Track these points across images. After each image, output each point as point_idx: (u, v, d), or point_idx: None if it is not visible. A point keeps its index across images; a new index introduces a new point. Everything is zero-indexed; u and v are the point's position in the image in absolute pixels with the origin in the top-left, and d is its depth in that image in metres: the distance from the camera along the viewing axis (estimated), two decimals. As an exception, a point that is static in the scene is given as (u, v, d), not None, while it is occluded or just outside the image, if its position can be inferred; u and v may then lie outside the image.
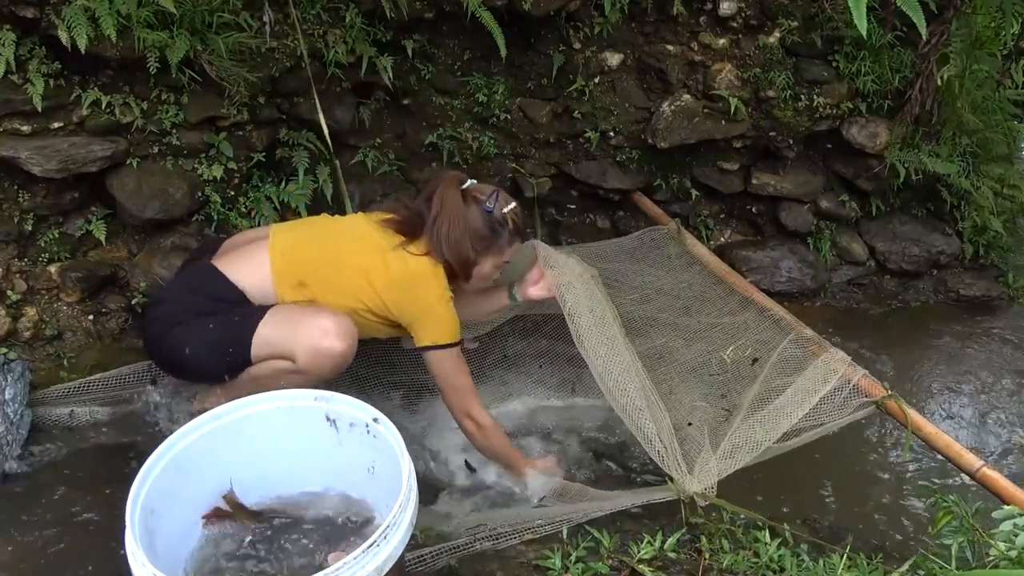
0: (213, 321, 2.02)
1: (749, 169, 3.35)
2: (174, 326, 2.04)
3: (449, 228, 2.11)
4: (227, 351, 2.00)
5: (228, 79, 2.41)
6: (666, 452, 1.95)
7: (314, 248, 2.15)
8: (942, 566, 1.65)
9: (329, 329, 1.97)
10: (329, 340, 1.96)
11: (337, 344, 1.96)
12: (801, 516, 2.19)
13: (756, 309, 2.67)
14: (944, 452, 2.14)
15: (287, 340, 1.97)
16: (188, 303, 2.07)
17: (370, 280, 2.08)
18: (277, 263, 2.08)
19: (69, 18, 2.11)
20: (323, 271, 2.10)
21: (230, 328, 2.01)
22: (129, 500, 1.43)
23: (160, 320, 2.10)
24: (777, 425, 2.04)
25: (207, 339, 2.01)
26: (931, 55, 3.06)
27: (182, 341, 2.03)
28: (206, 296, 2.06)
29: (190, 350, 2.02)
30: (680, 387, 2.56)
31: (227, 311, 2.04)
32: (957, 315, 3.43)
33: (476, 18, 2.60)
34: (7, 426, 2.09)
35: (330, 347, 1.96)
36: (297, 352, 1.96)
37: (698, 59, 3.11)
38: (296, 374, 1.97)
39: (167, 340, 2.06)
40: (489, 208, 2.15)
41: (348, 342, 1.99)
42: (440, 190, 2.15)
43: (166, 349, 2.08)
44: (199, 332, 2.02)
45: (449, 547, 1.77)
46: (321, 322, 1.98)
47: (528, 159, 3.14)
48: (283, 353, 1.97)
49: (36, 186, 2.37)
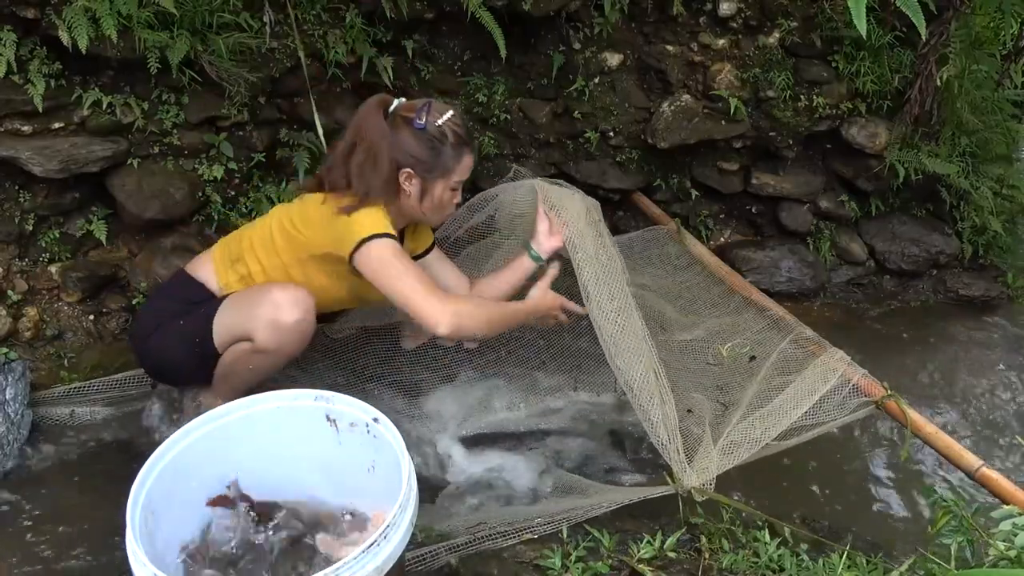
0: (184, 319, 2.03)
1: (749, 169, 3.35)
2: (152, 334, 2.06)
3: (374, 164, 1.90)
4: (194, 344, 1.99)
5: (228, 79, 2.42)
6: (668, 442, 1.93)
7: (246, 228, 2.15)
8: (942, 566, 1.65)
9: (280, 301, 1.89)
10: (283, 312, 1.88)
11: (291, 314, 1.88)
12: (801, 516, 2.19)
13: (756, 309, 2.67)
14: (944, 452, 2.14)
15: (244, 321, 1.92)
16: (163, 309, 2.08)
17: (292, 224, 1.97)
18: (217, 248, 2.11)
19: (70, 18, 2.11)
20: (252, 239, 2.06)
21: (194, 322, 2.01)
22: (130, 500, 1.43)
23: (140, 330, 2.12)
24: (776, 423, 2.04)
25: (178, 337, 2.02)
26: (930, 55, 3.06)
27: (159, 346, 2.05)
28: (179, 299, 2.08)
29: (166, 353, 2.04)
30: (676, 375, 2.55)
31: (195, 308, 2.05)
32: (957, 315, 3.43)
33: (476, 18, 2.60)
34: (8, 426, 2.09)
35: (284, 319, 1.88)
36: (254, 331, 1.90)
37: (698, 59, 3.11)
38: (260, 353, 1.92)
39: (147, 348, 2.08)
40: (420, 124, 1.92)
41: (301, 311, 1.89)
42: (356, 120, 1.97)
43: (149, 359, 2.11)
44: (171, 333, 2.03)
45: (449, 546, 1.77)
46: (272, 296, 1.90)
47: (528, 159, 3.14)
48: (242, 335, 1.93)
49: (37, 186, 2.38)
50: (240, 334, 1.94)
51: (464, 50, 2.96)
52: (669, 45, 3.10)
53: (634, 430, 2.46)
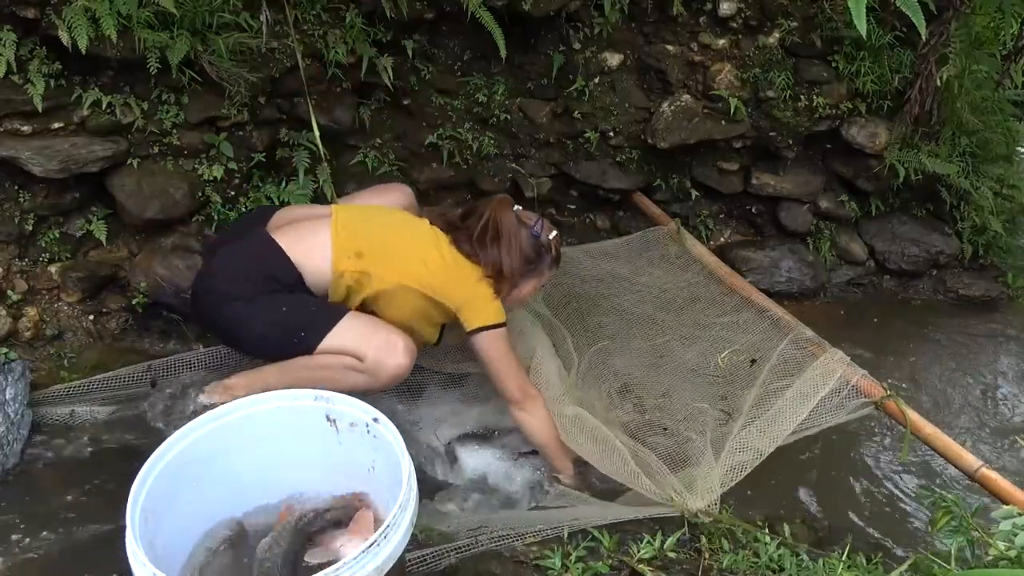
0: (286, 304, 2.09)
1: (749, 169, 3.35)
2: (234, 300, 2.09)
3: (508, 249, 2.23)
4: (298, 335, 2.06)
5: (228, 79, 2.41)
6: (661, 483, 2.00)
7: (373, 224, 2.26)
8: (942, 566, 1.65)
9: (397, 344, 2.08)
10: (396, 352, 2.07)
11: (402, 358, 2.08)
12: (801, 516, 2.19)
13: (755, 309, 2.67)
14: (943, 452, 2.14)
15: (361, 342, 2.06)
16: (247, 279, 2.10)
17: (424, 260, 2.18)
18: (339, 235, 2.16)
19: (70, 18, 2.11)
20: (380, 246, 2.18)
21: (307, 316, 2.09)
22: (130, 500, 1.44)
23: (219, 291, 2.13)
24: (777, 432, 2.05)
25: (279, 320, 2.07)
26: (931, 55, 3.06)
27: (245, 316, 2.08)
28: (264, 274, 2.10)
29: (256, 326, 2.08)
30: (680, 387, 2.56)
31: (289, 296, 2.10)
32: (956, 315, 3.43)
33: (476, 18, 2.60)
34: (8, 426, 2.09)
35: (395, 358, 2.07)
36: (367, 354, 2.05)
37: (698, 59, 3.11)
38: (360, 372, 2.06)
39: (228, 309, 2.10)
40: (536, 233, 2.28)
41: (409, 359, 2.10)
42: (494, 210, 2.27)
43: (227, 316, 2.11)
44: (268, 310, 2.07)
45: (450, 547, 1.77)
46: (392, 336, 2.10)
47: (528, 159, 3.14)
48: (351, 351, 2.06)
49: (37, 186, 2.37)
50: (352, 349, 2.06)
51: (464, 50, 2.96)
52: (669, 45, 3.10)
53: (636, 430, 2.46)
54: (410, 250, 2.20)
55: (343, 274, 2.13)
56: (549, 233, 2.33)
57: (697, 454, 2.15)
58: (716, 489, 1.94)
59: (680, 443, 2.25)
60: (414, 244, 2.21)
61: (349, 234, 2.16)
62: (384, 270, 2.14)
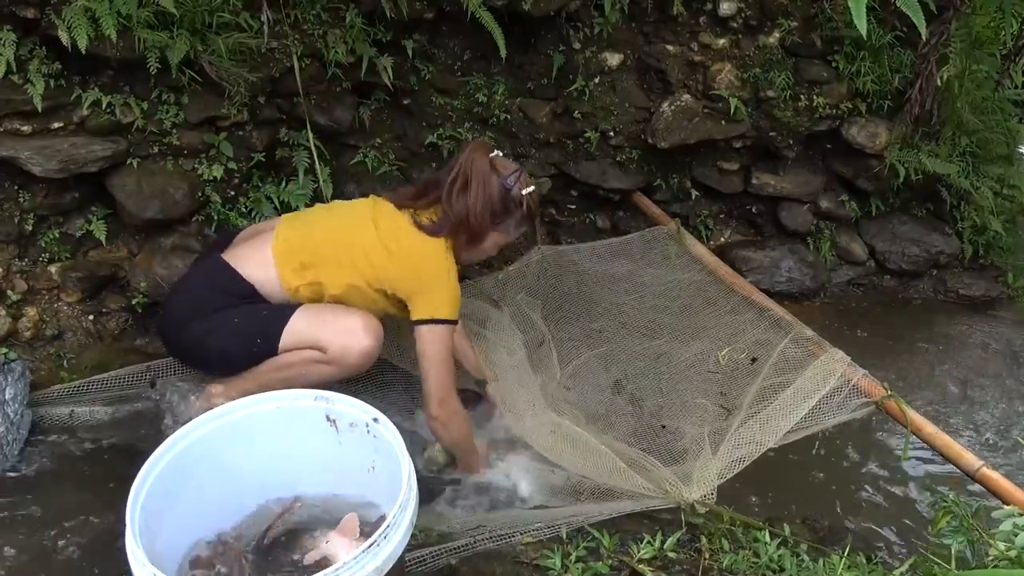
0: (237, 315, 2.07)
1: (749, 169, 3.35)
2: (192, 320, 2.08)
3: (471, 192, 2.11)
4: (255, 343, 2.05)
5: (228, 79, 2.41)
6: (653, 477, 1.99)
7: (315, 231, 2.18)
8: (942, 566, 1.65)
9: (358, 326, 2.04)
10: (358, 335, 2.03)
11: (366, 339, 2.04)
12: (801, 516, 2.19)
13: (756, 309, 2.67)
14: (944, 452, 2.14)
15: (318, 331, 2.04)
16: (203, 297, 2.11)
17: (367, 256, 2.10)
18: (279, 248, 2.12)
19: (69, 18, 2.11)
20: (323, 252, 2.13)
21: (259, 322, 2.07)
22: (129, 500, 1.43)
23: (177, 313, 2.14)
24: (777, 427, 2.04)
25: (234, 331, 2.06)
26: (931, 55, 3.06)
27: (203, 333, 2.07)
28: (219, 291, 2.10)
29: (214, 342, 2.07)
30: (679, 384, 2.56)
31: (245, 306, 2.08)
32: (957, 315, 3.43)
33: (476, 18, 2.60)
34: (7, 426, 2.09)
35: (360, 340, 2.03)
36: (327, 342, 2.02)
37: (698, 59, 3.11)
38: (325, 364, 2.03)
39: (186, 333, 2.10)
40: (508, 185, 2.14)
41: (375, 339, 2.06)
42: (467, 154, 2.16)
43: (185, 341, 2.13)
44: (222, 325, 2.06)
45: (449, 547, 1.77)
46: (351, 319, 2.06)
47: (528, 159, 3.13)
48: (313, 344, 2.03)
49: (36, 186, 2.37)
50: (311, 343, 2.03)
51: (464, 50, 2.96)
52: (669, 45, 3.10)
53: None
54: (352, 250, 2.12)
55: (297, 289, 2.10)
56: (524, 188, 2.16)
57: (695, 448, 2.15)
58: (713, 480, 1.93)
59: (677, 438, 2.25)
60: (356, 242, 2.13)
61: (289, 247, 2.12)
62: (332, 275, 2.11)
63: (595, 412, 2.48)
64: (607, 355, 2.70)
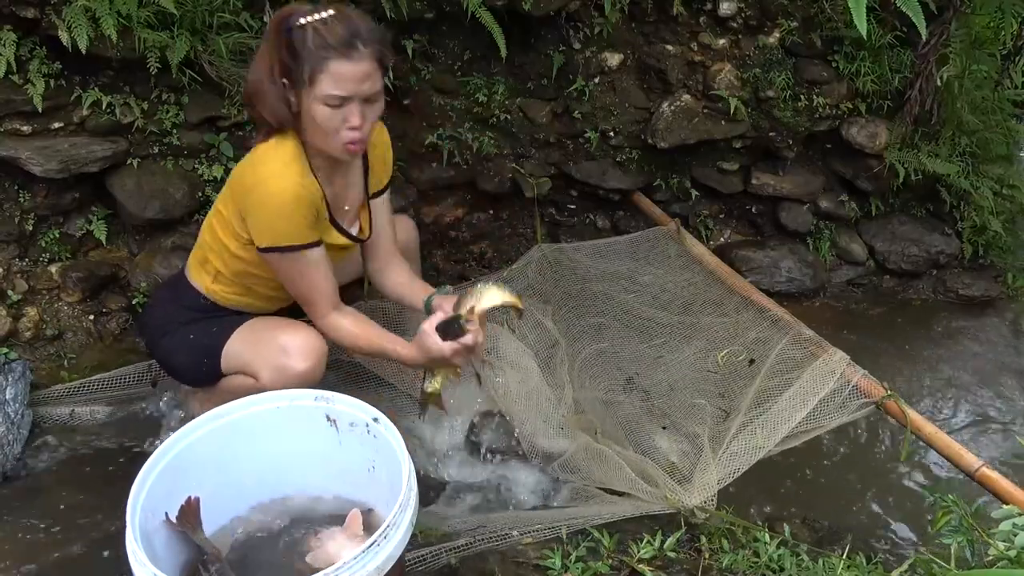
0: (194, 331, 2.04)
1: (749, 169, 3.35)
2: (163, 335, 2.08)
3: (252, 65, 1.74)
4: (202, 362, 2.01)
5: (228, 79, 2.41)
6: (656, 483, 1.99)
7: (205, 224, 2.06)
8: (942, 566, 1.65)
9: (290, 348, 1.86)
10: (291, 359, 1.85)
11: (299, 364, 1.85)
12: (801, 516, 2.19)
13: (755, 309, 2.67)
14: (944, 452, 2.15)
15: (252, 358, 1.91)
16: (170, 310, 2.10)
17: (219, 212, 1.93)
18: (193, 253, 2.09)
19: (69, 18, 2.11)
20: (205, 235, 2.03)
21: (205, 340, 2.02)
22: (130, 500, 1.44)
23: (149, 328, 2.16)
24: (776, 429, 2.05)
25: (188, 348, 2.04)
26: (931, 55, 3.05)
27: (169, 350, 2.08)
28: (182, 305, 2.08)
29: (177, 358, 2.07)
30: (678, 385, 2.56)
31: (205, 320, 2.05)
32: (957, 315, 3.42)
33: (476, 18, 2.60)
34: (8, 426, 2.09)
35: (292, 366, 1.85)
36: (260, 371, 1.89)
37: (698, 59, 3.11)
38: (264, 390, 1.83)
39: (158, 349, 2.13)
40: (287, 25, 1.64)
41: (311, 361, 1.86)
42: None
43: (159, 356, 2.16)
44: (182, 341, 2.05)
45: (449, 547, 1.77)
46: (282, 340, 1.88)
47: (528, 159, 3.13)
48: (248, 370, 1.93)
49: (37, 186, 2.37)
50: (246, 369, 1.93)
51: (464, 50, 2.96)
52: (669, 45, 3.10)
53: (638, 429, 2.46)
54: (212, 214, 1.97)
55: (214, 291, 2.01)
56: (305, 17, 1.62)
57: (694, 451, 2.15)
58: (713, 486, 1.94)
59: (676, 441, 2.25)
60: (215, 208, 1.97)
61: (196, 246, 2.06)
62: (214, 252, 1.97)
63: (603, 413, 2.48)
64: (606, 356, 2.70)
